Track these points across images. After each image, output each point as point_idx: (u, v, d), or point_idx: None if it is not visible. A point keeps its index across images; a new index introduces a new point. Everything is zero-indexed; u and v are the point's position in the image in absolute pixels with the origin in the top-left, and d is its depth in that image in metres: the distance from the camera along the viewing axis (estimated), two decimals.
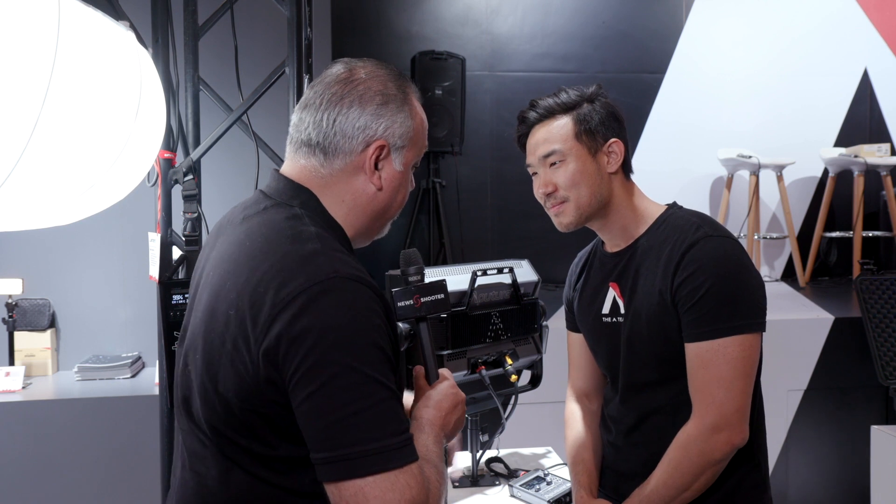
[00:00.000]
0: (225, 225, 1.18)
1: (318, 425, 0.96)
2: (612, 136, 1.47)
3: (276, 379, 0.98)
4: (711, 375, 1.35)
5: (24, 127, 1.21)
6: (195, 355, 1.08)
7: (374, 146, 1.12)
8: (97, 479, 2.70)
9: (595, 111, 1.47)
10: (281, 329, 0.96)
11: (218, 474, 1.06)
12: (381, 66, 1.17)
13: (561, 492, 1.81)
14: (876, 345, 3.28)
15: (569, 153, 1.47)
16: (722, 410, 1.34)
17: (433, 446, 1.10)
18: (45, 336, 3.02)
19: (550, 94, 1.51)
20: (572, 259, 1.73)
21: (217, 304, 1.05)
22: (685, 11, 5.10)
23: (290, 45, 2.31)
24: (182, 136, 2.35)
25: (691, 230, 1.40)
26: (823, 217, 4.87)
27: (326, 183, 1.13)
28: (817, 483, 3.53)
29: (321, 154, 1.12)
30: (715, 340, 1.34)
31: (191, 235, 2.26)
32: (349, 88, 1.12)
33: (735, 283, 1.35)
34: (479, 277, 1.74)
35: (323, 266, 1.00)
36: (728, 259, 1.36)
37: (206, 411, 1.05)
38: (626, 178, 1.51)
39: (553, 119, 1.49)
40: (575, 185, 1.47)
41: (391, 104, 1.13)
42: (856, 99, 5.26)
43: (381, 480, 0.93)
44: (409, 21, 4.82)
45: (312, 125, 1.12)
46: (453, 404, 1.20)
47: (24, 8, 1.21)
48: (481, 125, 4.87)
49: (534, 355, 1.88)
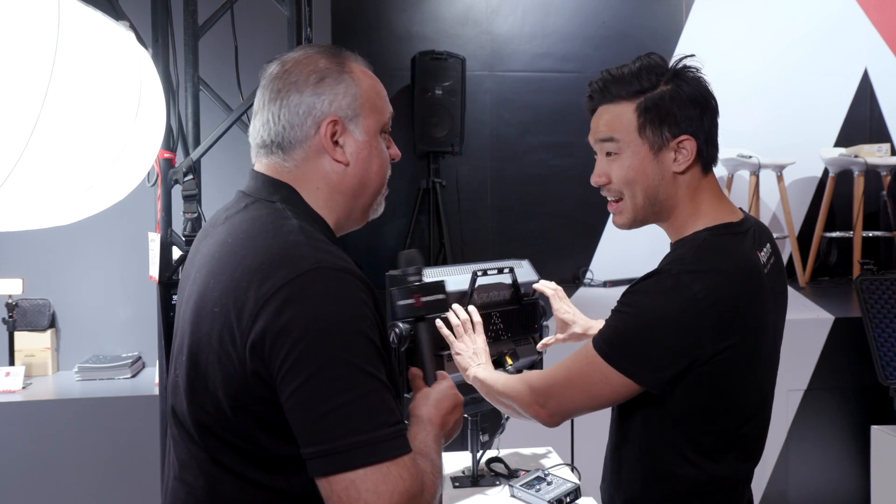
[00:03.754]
0: (209, 228, 1.18)
1: (306, 419, 0.94)
2: (685, 132, 1.28)
3: (264, 374, 0.96)
4: (573, 366, 1.33)
5: (23, 127, 1.21)
6: (182, 358, 1.07)
7: (326, 123, 1.10)
8: (97, 479, 2.70)
9: (671, 98, 1.28)
10: (265, 323, 0.95)
11: (205, 483, 1.05)
12: (310, 48, 1.16)
13: (561, 492, 1.81)
14: (876, 345, 3.28)
15: (627, 146, 1.30)
16: (549, 392, 1.35)
17: (431, 443, 1.09)
18: (45, 336, 3.02)
19: (628, 65, 1.32)
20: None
21: (202, 304, 1.04)
22: (685, 11, 5.09)
23: (290, 45, 2.31)
24: (182, 136, 2.35)
25: (671, 261, 1.28)
26: (823, 217, 4.87)
27: (298, 176, 1.12)
28: (817, 483, 3.53)
29: (280, 151, 1.11)
30: (597, 353, 1.28)
31: (191, 235, 2.26)
32: (283, 80, 1.11)
33: (633, 318, 1.26)
34: (479, 277, 1.74)
35: (306, 257, 0.98)
36: (641, 290, 1.26)
37: (196, 411, 1.04)
38: (702, 175, 1.32)
39: (618, 103, 1.31)
40: (629, 183, 1.31)
41: (328, 78, 1.11)
42: (856, 99, 5.26)
43: (372, 472, 0.91)
44: (409, 21, 4.82)
45: (262, 127, 1.12)
46: (453, 405, 1.19)
47: (24, 8, 1.21)
48: (481, 125, 4.87)
49: (534, 355, 1.88)
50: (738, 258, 1.28)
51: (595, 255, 4.87)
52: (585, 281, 4.75)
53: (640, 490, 1.37)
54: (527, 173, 4.87)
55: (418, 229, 4.55)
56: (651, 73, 1.30)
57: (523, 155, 4.90)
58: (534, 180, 4.84)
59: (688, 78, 1.31)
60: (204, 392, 1.02)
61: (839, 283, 4.94)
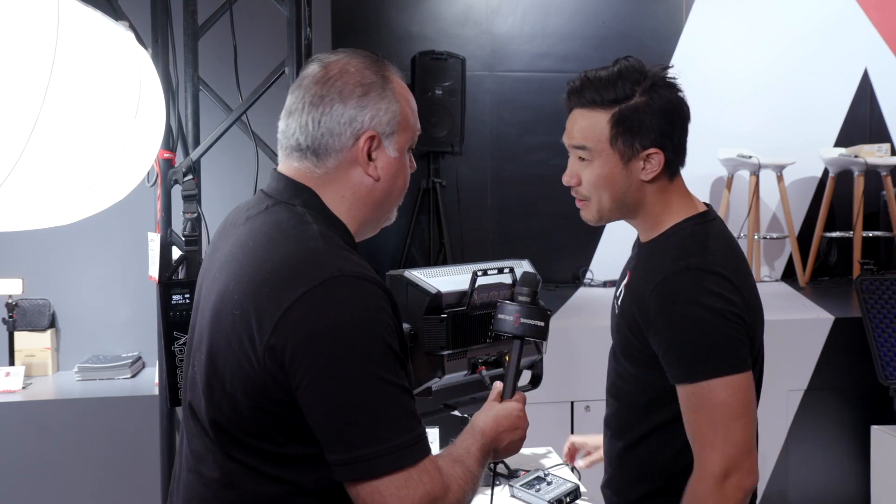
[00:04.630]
0: (228, 226, 1.19)
1: (330, 428, 0.97)
2: (654, 145, 1.33)
3: (283, 380, 0.98)
4: (704, 420, 1.26)
5: (23, 127, 1.21)
6: (200, 356, 1.09)
7: (364, 138, 1.11)
8: (97, 479, 2.69)
9: (645, 110, 1.32)
10: (287, 331, 0.97)
11: (221, 476, 1.06)
12: (354, 56, 1.15)
13: (561, 492, 1.81)
14: (876, 345, 3.28)
15: (598, 156, 1.35)
16: (725, 455, 1.24)
17: (475, 451, 1.12)
18: (45, 336, 3.02)
19: (607, 68, 1.35)
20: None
21: (222, 306, 1.05)
22: (685, 11, 5.09)
23: (289, 45, 2.31)
24: (182, 136, 2.35)
25: (678, 257, 1.32)
26: (823, 217, 4.86)
27: (324, 182, 1.13)
28: (817, 483, 3.53)
29: (313, 156, 1.12)
30: (698, 384, 1.26)
31: (190, 235, 2.26)
32: (328, 87, 1.11)
33: (703, 323, 1.26)
34: (479, 277, 1.73)
35: (326, 265, 1.00)
36: (698, 298, 1.26)
37: (212, 411, 1.06)
38: (668, 181, 1.39)
39: (594, 110, 1.35)
40: (598, 189, 1.37)
41: (372, 93, 1.12)
42: (856, 99, 5.26)
43: (395, 479, 0.96)
44: (409, 21, 4.82)
45: (299, 130, 1.12)
46: (514, 426, 1.22)
47: (24, 8, 1.21)
48: (481, 125, 4.87)
49: (534, 355, 1.88)
50: (729, 239, 1.40)
51: (595, 255, 4.86)
52: (585, 281, 4.75)
53: (661, 485, 1.39)
54: (527, 173, 4.86)
55: (418, 229, 4.55)
56: (628, 80, 1.33)
57: (523, 155, 4.90)
58: (534, 180, 4.84)
59: (663, 88, 1.34)
60: (221, 392, 1.04)
61: (839, 283, 4.94)
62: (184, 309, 2.07)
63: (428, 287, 1.60)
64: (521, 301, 1.29)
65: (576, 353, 3.22)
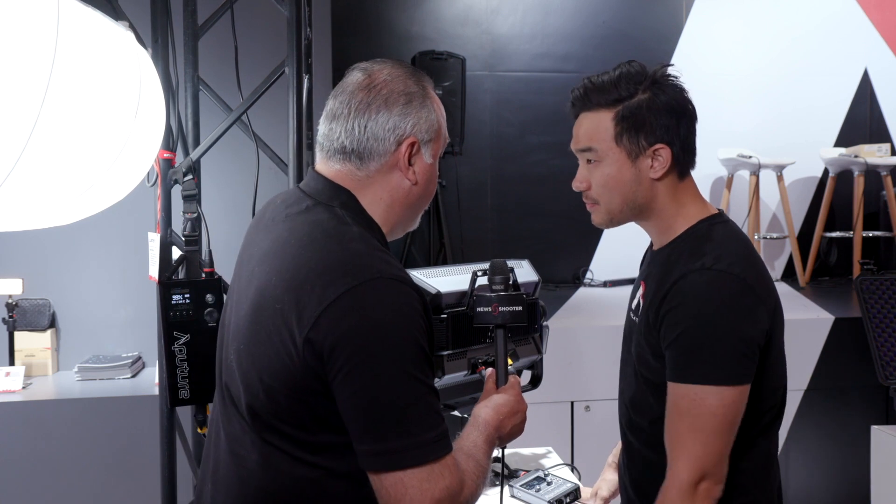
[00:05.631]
0: (267, 221, 1.24)
1: (361, 420, 1.04)
2: (660, 140, 1.32)
3: (321, 373, 1.05)
4: (687, 425, 1.26)
5: (23, 127, 1.21)
6: (239, 345, 1.15)
7: (406, 143, 1.19)
8: (97, 479, 2.69)
9: (648, 107, 1.32)
10: (327, 327, 1.03)
11: (259, 457, 1.12)
12: (397, 66, 1.23)
13: (561, 492, 1.81)
14: (876, 345, 3.28)
15: (605, 155, 1.34)
16: (700, 464, 1.24)
17: (482, 444, 1.17)
18: (45, 336, 3.02)
19: (608, 73, 1.36)
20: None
21: (263, 300, 1.11)
22: (685, 11, 5.09)
23: (289, 45, 2.30)
24: (182, 136, 2.35)
25: (694, 257, 1.29)
26: (823, 217, 4.87)
27: (364, 184, 1.20)
28: (817, 483, 3.53)
29: (357, 159, 1.19)
30: (693, 386, 1.25)
31: (190, 235, 2.26)
32: (373, 94, 1.18)
33: (712, 326, 1.25)
34: (479, 277, 1.73)
35: (367, 266, 1.07)
36: (712, 299, 1.25)
37: (249, 397, 1.12)
38: (678, 180, 1.37)
39: (598, 111, 1.35)
40: (607, 190, 1.36)
41: (414, 101, 1.20)
42: (856, 99, 5.26)
43: (419, 472, 1.02)
44: (409, 21, 4.82)
45: (344, 134, 1.19)
46: (513, 411, 1.27)
47: (24, 8, 1.21)
48: (481, 125, 4.87)
49: (534, 355, 1.88)
50: (745, 240, 1.38)
51: (595, 255, 4.86)
52: (585, 281, 4.75)
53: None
54: (527, 173, 4.87)
55: (418, 229, 4.54)
56: (630, 81, 1.33)
57: (523, 155, 4.90)
58: (534, 180, 4.84)
59: (666, 86, 1.35)
60: (258, 382, 1.10)
61: (839, 283, 4.94)
62: (184, 309, 2.06)
63: (428, 287, 1.60)
64: (496, 290, 1.31)
65: (576, 353, 3.22)
